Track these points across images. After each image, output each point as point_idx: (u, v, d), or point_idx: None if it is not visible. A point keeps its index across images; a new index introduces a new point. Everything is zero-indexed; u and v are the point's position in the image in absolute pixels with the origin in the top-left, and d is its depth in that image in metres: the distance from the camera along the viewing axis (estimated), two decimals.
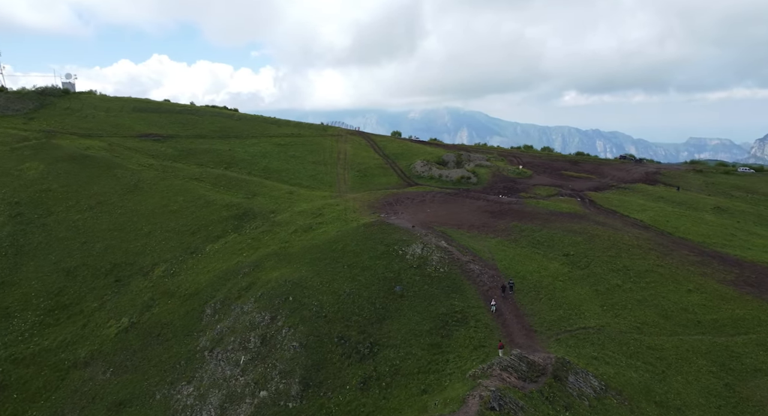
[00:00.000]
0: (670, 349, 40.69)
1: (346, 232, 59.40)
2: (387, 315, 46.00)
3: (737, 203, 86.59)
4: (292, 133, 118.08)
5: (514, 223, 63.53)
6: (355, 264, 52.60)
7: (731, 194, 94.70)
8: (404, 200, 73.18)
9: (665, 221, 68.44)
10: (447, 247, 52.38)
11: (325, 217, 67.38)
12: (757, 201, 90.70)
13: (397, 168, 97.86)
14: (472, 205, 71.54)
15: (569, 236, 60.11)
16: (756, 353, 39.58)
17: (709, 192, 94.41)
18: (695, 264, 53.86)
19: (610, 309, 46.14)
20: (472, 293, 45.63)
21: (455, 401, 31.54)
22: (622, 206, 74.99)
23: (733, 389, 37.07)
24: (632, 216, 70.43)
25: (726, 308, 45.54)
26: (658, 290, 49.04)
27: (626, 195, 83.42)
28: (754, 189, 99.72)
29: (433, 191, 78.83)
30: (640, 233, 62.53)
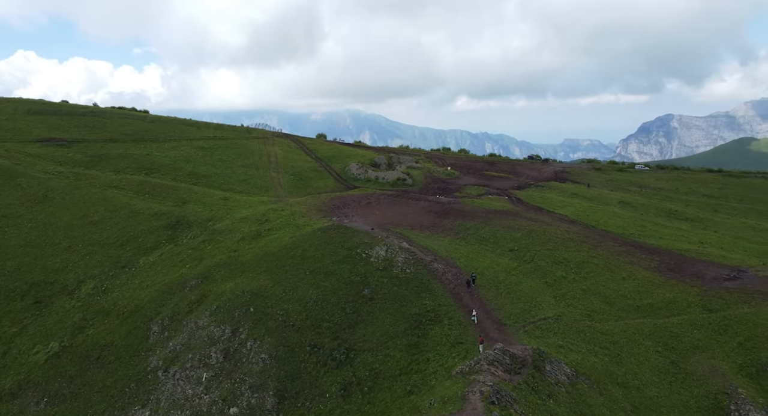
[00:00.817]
0: (620, 333, 44.45)
1: (302, 237, 58.29)
2: (359, 319, 45.94)
3: (636, 197, 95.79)
4: (214, 135, 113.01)
5: (459, 222, 65.82)
6: (318, 270, 51.88)
7: (628, 189, 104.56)
8: (351, 203, 73.03)
9: (586, 216, 74.29)
10: (410, 248, 53.23)
11: (273, 223, 65.58)
12: (651, 195, 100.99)
13: (332, 171, 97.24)
14: (416, 206, 73.01)
15: (510, 232, 63.41)
16: (691, 332, 44.38)
17: (611, 188, 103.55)
18: (622, 254, 59.07)
19: (562, 300, 49.48)
20: (440, 291, 46.83)
21: (454, 399, 32.36)
22: (545, 203, 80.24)
23: (679, 366, 41.38)
24: (557, 212, 75.64)
25: (658, 293, 50.56)
26: (597, 279, 53.30)
27: (545, 192, 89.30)
28: (646, 184, 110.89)
29: (375, 193, 79.38)
30: (569, 227, 67.37)
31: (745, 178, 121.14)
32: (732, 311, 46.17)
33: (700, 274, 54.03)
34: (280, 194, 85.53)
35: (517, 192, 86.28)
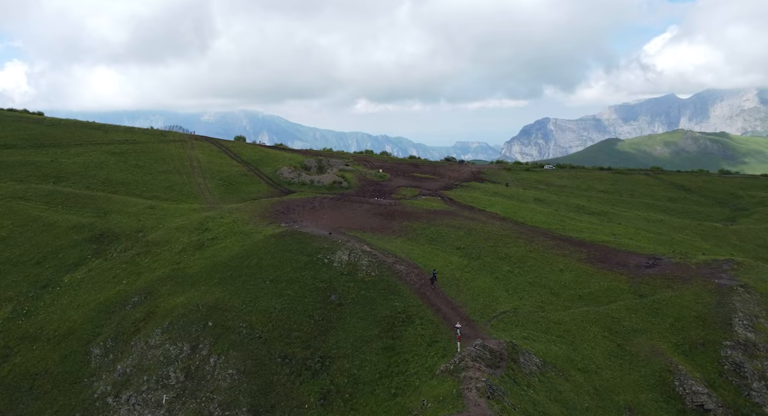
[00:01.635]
0: (570, 322, 47.65)
1: (254, 245, 55.91)
2: (330, 326, 45.10)
3: (547, 195, 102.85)
4: (125, 139, 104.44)
5: (405, 223, 66.72)
6: (279, 278, 50.14)
7: (538, 187, 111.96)
8: (295, 208, 71.10)
9: (513, 213, 78.61)
10: (371, 251, 53.04)
11: (215, 232, 62.19)
12: (558, 192, 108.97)
13: (263, 175, 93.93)
14: (360, 209, 72.80)
15: (453, 231, 65.46)
16: (629, 316, 48.65)
17: (523, 186, 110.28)
18: (554, 248, 63.27)
19: (514, 293, 52.08)
20: (408, 292, 47.23)
21: (449, 397, 32.92)
22: (475, 202, 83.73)
23: (624, 348, 45.22)
24: (487, 210, 79.25)
25: (594, 282, 54.84)
26: (539, 272, 56.70)
27: (471, 192, 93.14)
28: (551, 182, 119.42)
29: (317, 197, 77.93)
30: (502, 224, 70.90)
31: (632, 175, 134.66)
32: (659, 295, 51.29)
33: (624, 263, 59.36)
34: (211, 200, 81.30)
35: (447, 192, 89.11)
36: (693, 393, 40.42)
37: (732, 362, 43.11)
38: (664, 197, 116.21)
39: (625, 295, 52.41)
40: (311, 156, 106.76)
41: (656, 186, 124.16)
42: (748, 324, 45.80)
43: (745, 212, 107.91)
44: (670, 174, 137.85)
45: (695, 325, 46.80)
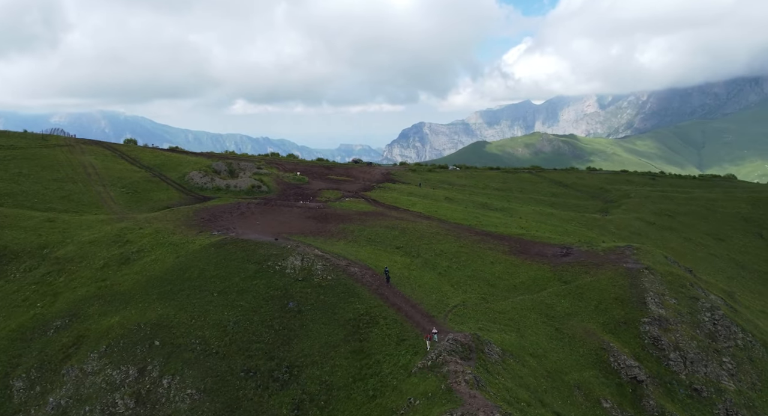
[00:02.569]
0: (511, 311, 50.67)
1: (191, 256, 51.80)
2: (292, 334, 43.40)
3: (453, 193, 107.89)
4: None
5: (341, 225, 66.02)
6: (228, 289, 47.12)
7: (443, 186, 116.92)
8: (221, 215, 66.80)
9: (435, 211, 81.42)
10: (323, 255, 51.70)
11: (138, 244, 56.57)
12: (462, 190, 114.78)
13: (170, 181, 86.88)
14: (291, 213, 70.49)
15: (388, 231, 66.19)
16: (559, 302, 52.88)
17: (431, 186, 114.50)
18: (480, 242, 66.71)
19: (458, 287, 54.10)
20: (367, 294, 46.87)
21: (439, 392, 33.46)
22: (397, 202, 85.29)
23: (562, 331, 49.07)
24: (411, 209, 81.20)
25: (522, 272, 58.77)
26: (473, 266, 59.48)
27: (389, 193, 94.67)
28: (453, 182, 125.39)
29: (240, 202, 73.81)
30: (429, 222, 73.17)
31: (518, 173, 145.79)
32: (580, 281, 56.37)
33: (542, 253, 64.33)
34: (117, 210, 73.78)
35: (368, 194, 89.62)
36: (627, 367, 45.13)
37: (650, 336, 48.84)
38: (548, 193, 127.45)
39: (552, 282, 56.88)
40: (218, 159, 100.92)
41: (539, 183, 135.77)
42: (659, 301, 52.21)
43: (614, 203, 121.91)
44: (549, 172, 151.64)
45: (615, 306, 52.21)
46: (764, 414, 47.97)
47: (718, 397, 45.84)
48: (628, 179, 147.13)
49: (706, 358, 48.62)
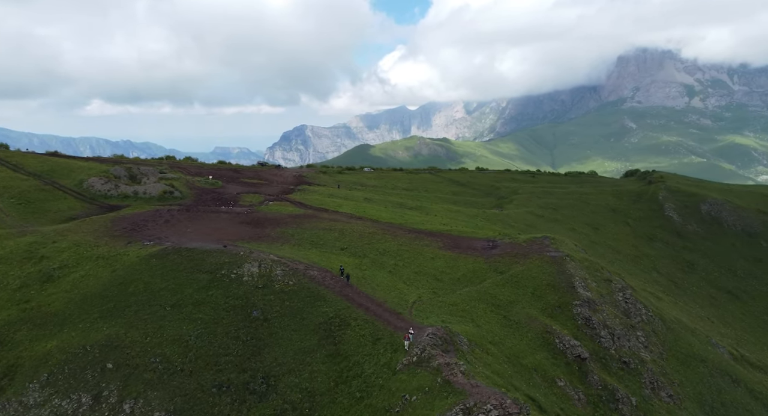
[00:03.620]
0: (462, 303, 52.65)
1: (131, 270, 46.41)
2: (262, 344, 40.98)
3: (370, 194, 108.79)
4: None
5: (278, 229, 63.30)
6: (182, 302, 43.10)
7: (357, 188, 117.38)
8: (144, 223, 60.28)
9: (363, 211, 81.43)
10: (279, 260, 49.07)
11: (57, 260, 49.38)
12: (376, 191, 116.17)
13: (67, 189, 76.43)
14: (219, 219, 65.80)
15: (327, 233, 64.97)
16: (501, 291, 56.00)
17: (347, 188, 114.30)
18: (415, 239, 68.22)
19: (410, 284, 54.84)
20: (332, 296, 45.57)
21: (436, 385, 33.90)
22: (324, 204, 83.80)
23: (509, 319, 52.03)
24: (340, 210, 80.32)
25: (462, 266, 61.21)
26: (417, 262, 60.72)
27: (311, 195, 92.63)
28: (364, 183, 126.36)
29: (159, 209, 66.98)
30: (363, 223, 73.07)
31: (419, 174, 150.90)
32: (513, 270, 60.17)
33: (472, 247, 67.54)
34: (12, 223, 63.60)
35: (291, 197, 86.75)
36: (571, 347, 49.14)
37: (583, 317, 53.71)
38: (449, 191, 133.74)
39: (489, 274, 60.01)
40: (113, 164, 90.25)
41: (440, 182, 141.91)
42: (584, 285, 57.55)
43: (506, 199, 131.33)
44: (446, 172, 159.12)
45: (549, 291, 56.59)
46: (675, 378, 55.22)
47: (642, 367, 51.80)
48: (513, 178, 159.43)
49: (627, 333, 54.69)
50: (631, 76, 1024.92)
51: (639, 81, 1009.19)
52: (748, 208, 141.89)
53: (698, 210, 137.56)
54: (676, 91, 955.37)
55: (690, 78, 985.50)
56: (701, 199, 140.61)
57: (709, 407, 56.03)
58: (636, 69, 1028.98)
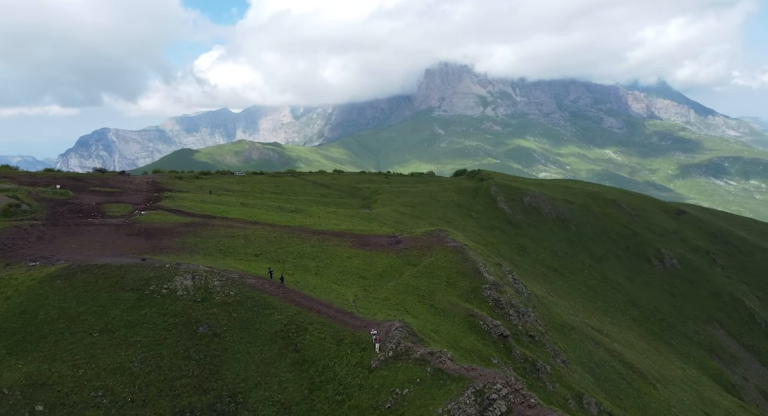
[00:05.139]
0: (393, 297, 53.63)
1: (32, 295, 37.30)
2: (218, 361, 36.70)
3: (246, 199, 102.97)
4: None
5: (176, 240, 56.33)
6: (111, 326, 36.29)
7: (224, 193, 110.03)
8: (11, 242, 48.09)
9: (255, 216, 76.83)
10: (212, 270, 43.70)
11: None
12: (247, 195, 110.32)
13: None
14: (101, 232, 55.78)
15: (231, 240, 60.14)
16: (420, 282, 58.27)
17: (217, 193, 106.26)
18: (324, 241, 67.06)
19: (340, 284, 53.85)
20: (279, 303, 42.42)
21: (428, 376, 34.39)
22: (209, 211, 76.70)
23: (436, 307, 54.52)
24: (229, 216, 74.54)
25: (378, 262, 62.07)
26: (337, 262, 59.90)
27: (185, 202, 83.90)
28: (229, 188, 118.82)
29: (19, 226, 53.57)
30: (262, 228, 69.06)
31: (282, 177, 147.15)
32: (424, 262, 63.07)
33: (379, 243, 68.87)
34: None
35: (164, 204, 77.32)
36: (494, 327, 53.44)
37: (493, 299, 58.77)
38: (317, 194, 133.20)
39: (405, 267, 62.01)
40: None
41: (305, 185, 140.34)
42: (487, 270, 62.94)
43: (370, 199, 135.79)
44: (309, 175, 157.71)
45: (460, 278, 60.67)
46: (561, 346, 63.73)
47: (543, 339, 58.76)
48: (370, 179, 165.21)
49: (526, 310, 61.46)
50: (437, 88, 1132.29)
51: (444, 92, 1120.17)
52: (558, 198, 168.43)
53: (522, 202, 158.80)
54: (473, 102, 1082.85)
55: (483, 90, 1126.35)
56: (523, 192, 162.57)
57: (588, 367, 66.00)
58: (441, 81, 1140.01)
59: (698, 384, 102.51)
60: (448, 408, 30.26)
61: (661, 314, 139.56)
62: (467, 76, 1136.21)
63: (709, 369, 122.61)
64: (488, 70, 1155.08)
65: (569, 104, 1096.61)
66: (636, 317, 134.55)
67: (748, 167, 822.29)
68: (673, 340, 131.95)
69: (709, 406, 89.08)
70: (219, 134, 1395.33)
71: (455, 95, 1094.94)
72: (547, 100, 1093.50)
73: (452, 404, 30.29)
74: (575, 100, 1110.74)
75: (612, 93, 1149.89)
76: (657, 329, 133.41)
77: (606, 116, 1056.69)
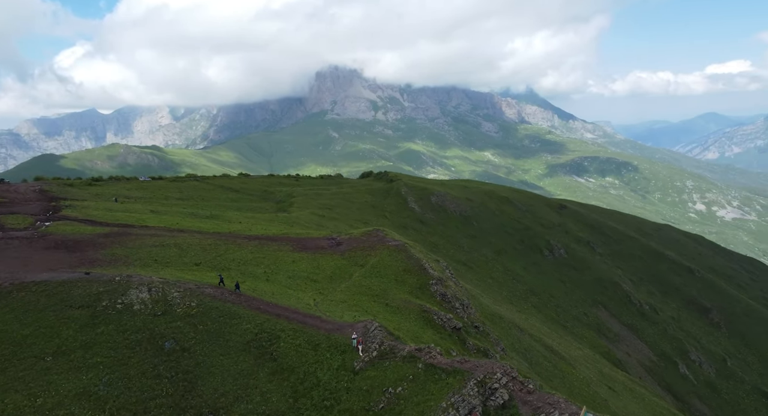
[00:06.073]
0: (349, 299, 52.96)
1: None
2: (192, 376, 33.67)
3: (155, 206, 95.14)
4: None
5: (103, 251, 50.39)
6: (66, 348, 31.70)
7: (126, 200, 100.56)
8: None
9: (176, 223, 70.98)
10: (167, 281, 39.49)
11: None
12: (152, 202, 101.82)
13: None
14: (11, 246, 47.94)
15: (164, 249, 55.30)
16: (371, 282, 58.15)
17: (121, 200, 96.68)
18: (262, 246, 64.17)
19: (295, 288, 51.91)
20: (245, 312, 39.69)
21: (420, 372, 34.51)
22: (126, 220, 69.33)
23: (391, 305, 54.64)
24: (149, 225, 68.06)
25: (326, 264, 60.80)
26: (283, 267, 57.67)
27: (88, 210, 74.81)
28: (129, 195, 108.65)
29: None
30: (190, 235, 64.16)
31: (185, 181, 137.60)
32: (370, 262, 62.98)
33: (320, 246, 67.48)
34: None
35: (67, 214, 68.38)
36: (447, 320, 54.94)
37: (440, 294, 60.42)
38: (227, 198, 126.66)
39: (353, 268, 61.46)
40: None
41: (212, 190, 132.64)
42: (431, 266, 64.52)
43: (285, 203, 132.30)
44: (214, 179, 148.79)
45: (407, 276, 61.58)
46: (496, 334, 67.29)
47: (486, 329, 61.65)
48: (280, 182, 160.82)
49: (468, 303, 64.03)
50: (329, 91, 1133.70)
51: (336, 95, 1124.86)
52: (460, 197, 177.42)
53: (430, 201, 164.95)
54: (364, 106, 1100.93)
55: (373, 95, 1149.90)
56: (430, 192, 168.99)
57: (520, 353, 70.44)
58: (332, 84, 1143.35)
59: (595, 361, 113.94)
60: (453, 401, 30.70)
61: (556, 300, 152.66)
62: (358, 81, 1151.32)
63: (599, 348, 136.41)
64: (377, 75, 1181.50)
65: (451, 110, 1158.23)
66: (536, 304, 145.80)
67: (604, 166, 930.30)
68: (567, 323, 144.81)
69: (609, 381, 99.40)
70: (86, 138, 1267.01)
71: (347, 99, 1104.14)
72: (432, 106, 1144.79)
73: (456, 397, 30.78)
74: (456, 106, 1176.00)
75: (488, 100, 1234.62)
76: (553, 314, 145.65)
77: (483, 121, 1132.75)
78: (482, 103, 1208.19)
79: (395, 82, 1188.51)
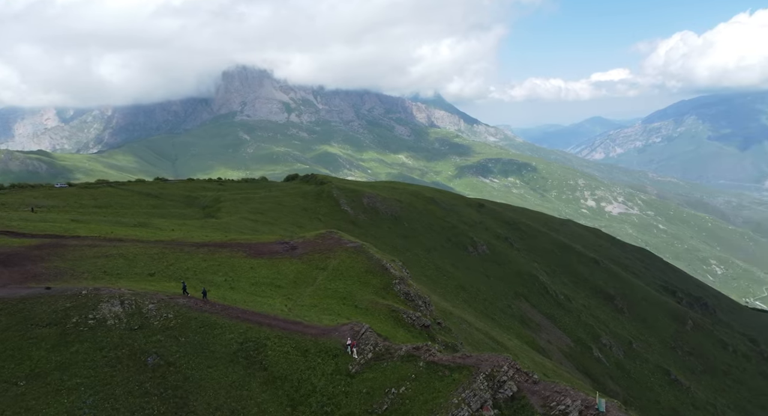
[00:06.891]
0: (320, 303, 51.49)
1: None
2: (182, 392, 31.19)
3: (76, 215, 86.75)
4: None
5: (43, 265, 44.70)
6: (40, 370, 28.05)
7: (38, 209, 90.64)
8: None
9: (112, 232, 64.97)
10: (137, 292, 35.77)
11: None
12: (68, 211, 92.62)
13: None
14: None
15: (110, 260, 50.48)
16: (336, 285, 56.91)
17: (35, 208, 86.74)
18: (213, 253, 60.61)
19: (263, 295, 49.52)
20: (225, 321, 37.08)
21: (421, 371, 34.49)
22: (45, 230, 61.92)
23: (360, 307, 53.85)
24: (80, 234, 61.59)
25: (286, 269, 58.67)
26: (243, 274, 54.86)
27: (6, 221, 66.09)
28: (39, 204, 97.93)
29: None
30: (133, 245, 58.99)
31: (99, 188, 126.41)
32: (332, 265, 61.79)
33: (275, 251, 65.04)
34: None
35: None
36: (416, 319, 55.31)
37: (403, 293, 60.68)
38: (148, 205, 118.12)
39: (315, 271, 59.93)
40: None
41: (131, 196, 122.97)
42: (391, 266, 64.58)
43: (212, 208, 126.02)
44: (130, 184, 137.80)
45: (371, 277, 61.18)
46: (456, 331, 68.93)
47: (448, 325, 62.97)
48: (204, 186, 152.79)
49: (429, 300, 64.96)
50: (237, 92, 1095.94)
51: (245, 96, 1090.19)
52: (390, 198, 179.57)
53: (362, 203, 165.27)
54: (277, 108, 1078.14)
55: (286, 96, 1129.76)
56: (361, 194, 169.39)
57: (474, 346, 72.56)
58: (241, 85, 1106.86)
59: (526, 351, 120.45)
60: (463, 396, 31.04)
61: (483, 294, 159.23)
62: (268, 82, 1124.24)
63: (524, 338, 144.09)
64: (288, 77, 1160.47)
65: (366, 113, 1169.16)
66: (466, 298, 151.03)
67: (506, 167, 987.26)
68: (495, 315, 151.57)
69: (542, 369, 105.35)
70: None
71: (258, 100, 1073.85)
72: (346, 109, 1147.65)
73: (467, 392, 31.15)
74: (370, 110, 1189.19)
75: (399, 104, 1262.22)
76: (482, 307, 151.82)
77: (396, 124, 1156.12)
78: (395, 107, 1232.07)
79: (308, 83, 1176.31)
